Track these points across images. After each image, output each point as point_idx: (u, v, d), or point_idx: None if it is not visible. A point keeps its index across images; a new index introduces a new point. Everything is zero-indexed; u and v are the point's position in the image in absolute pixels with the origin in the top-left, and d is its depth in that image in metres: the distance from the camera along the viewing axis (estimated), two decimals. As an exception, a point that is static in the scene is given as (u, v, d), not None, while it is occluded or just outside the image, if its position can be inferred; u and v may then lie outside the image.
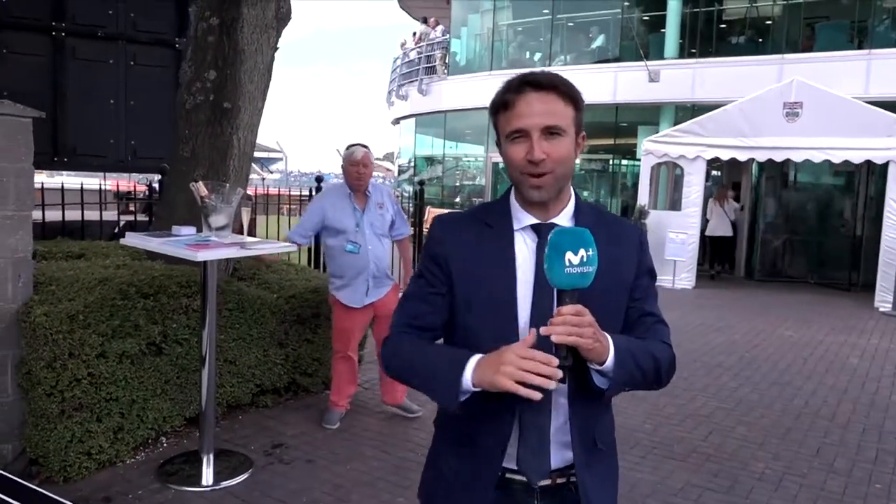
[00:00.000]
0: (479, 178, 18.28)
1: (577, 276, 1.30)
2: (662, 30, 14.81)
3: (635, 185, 15.32)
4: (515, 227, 1.51)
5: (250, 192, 11.77)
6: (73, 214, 6.41)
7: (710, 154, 10.98)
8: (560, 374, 1.26)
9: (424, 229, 16.47)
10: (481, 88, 16.78)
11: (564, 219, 1.50)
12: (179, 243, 3.36)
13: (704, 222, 12.06)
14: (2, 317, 3.45)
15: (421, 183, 9.69)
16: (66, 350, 3.39)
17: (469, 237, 1.52)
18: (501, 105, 1.46)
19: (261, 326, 4.35)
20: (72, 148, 7.26)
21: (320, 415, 4.57)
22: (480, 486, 1.51)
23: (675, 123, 12.77)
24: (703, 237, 12.02)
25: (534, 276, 1.45)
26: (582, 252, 1.30)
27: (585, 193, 17.07)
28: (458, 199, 18.74)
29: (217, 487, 3.60)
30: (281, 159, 51.39)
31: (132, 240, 3.51)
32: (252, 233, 9.69)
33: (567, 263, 1.29)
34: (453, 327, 1.53)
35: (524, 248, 1.49)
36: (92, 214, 6.50)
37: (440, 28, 18.69)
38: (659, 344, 1.50)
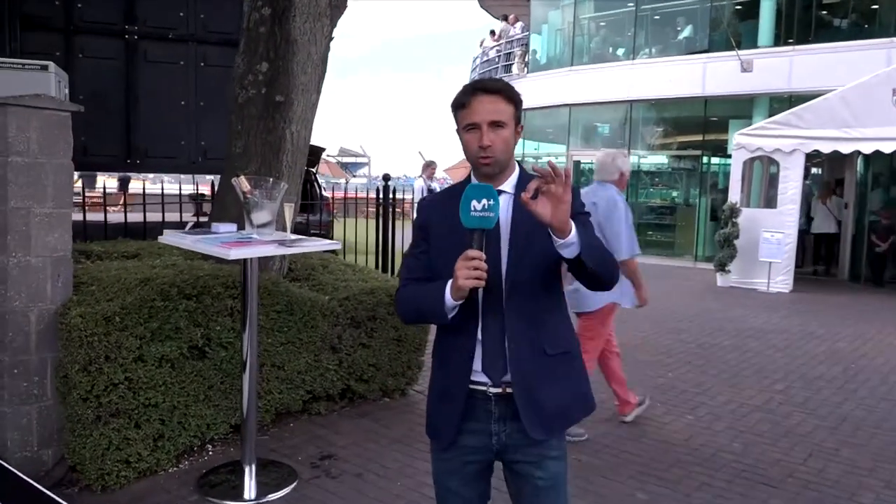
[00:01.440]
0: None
1: (479, 218, 1.74)
2: (755, 17, 13.91)
3: (726, 183, 14.52)
4: None
5: (329, 194, 11.76)
6: (151, 216, 6.43)
7: (810, 147, 10.15)
8: (484, 266, 1.72)
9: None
10: (562, 85, 16.29)
11: (508, 186, 1.94)
12: (214, 241, 3.15)
13: (805, 221, 11.18)
14: (41, 317, 3.33)
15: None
16: (102, 353, 3.24)
17: (441, 208, 1.98)
18: (459, 105, 1.90)
19: (311, 330, 4.12)
20: (144, 150, 7.31)
21: (376, 424, 4.31)
22: (454, 396, 1.93)
23: (770, 115, 11.91)
24: (801, 237, 11.15)
25: None
26: (484, 201, 1.73)
27: (674, 193, 16.27)
28: (538, 200, 18.24)
29: (260, 502, 3.38)
30: (366, 164, 52.07)
31: (169, 238, 3.34)
32: (329, 235, 9.65)
33: (472, 209, 1.74)
34: (433, 275, 1.94)
35: None
36: (172, 216, 6.49)
37: (519, 25, 18.27)
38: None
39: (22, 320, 3.29)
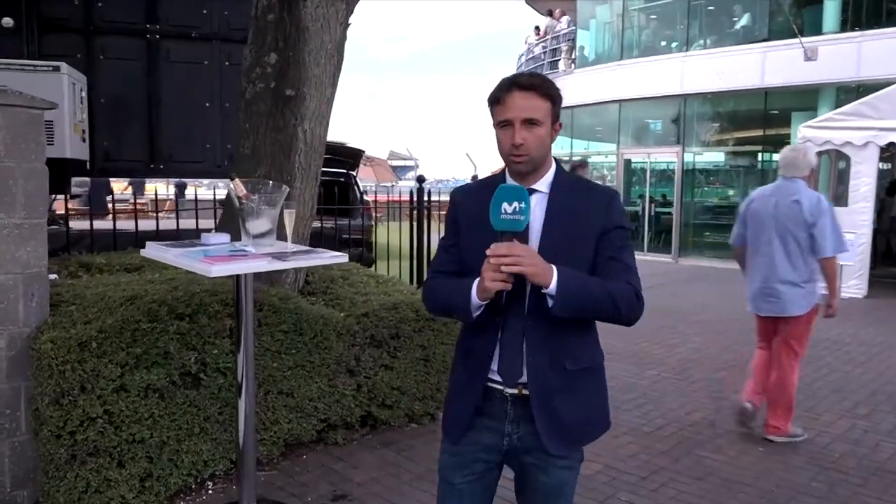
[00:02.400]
0: (611, 178, 17.03)
1: (510, 221, 1.72)
2: (819, 2, 13.00)
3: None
4: None
5: (371, 198, 11.35)
6: (186, 223, 6.13)
7: (885, 139, 9.29)
8: (511, 262, 1.69)
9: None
10: (611, 80, 15.58)
11: (543, 185, 1.88)
12: (198, 254, 2.71)
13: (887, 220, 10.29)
14: (12, 342, 2.94)
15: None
16: (77, 383, 2.84)
17: (474, 200, 1.91)
18: (494, 100, 1.85)
19: (324, 351, 3.66)
20: (168, 154, 6.99)
21: (399, 455, 3.82)
22: (472, 392, 1.92)
23: (837, 107, 11.04)
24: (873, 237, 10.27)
25: None
26: (515, 204, 1.71)
27: (731, 192, 15.40)
28: (587, 201, 17.53)
29: (258, 552, 2.93)
30: (414, 167, 51.82)
31: (151, 251, 2.91)
32: (368, 240, 9.22)
33: (503, 211, 1.71)
34: (463, 268, 1.91)
35: None
36: (207, 223, 6.16)
37: (565, 19, 17.60)
38: (619, 282, 1.81)
39: (-11, 346, 2.90)
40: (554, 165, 1.91)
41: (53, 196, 6.29)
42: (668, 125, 15.48)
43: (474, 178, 11.35)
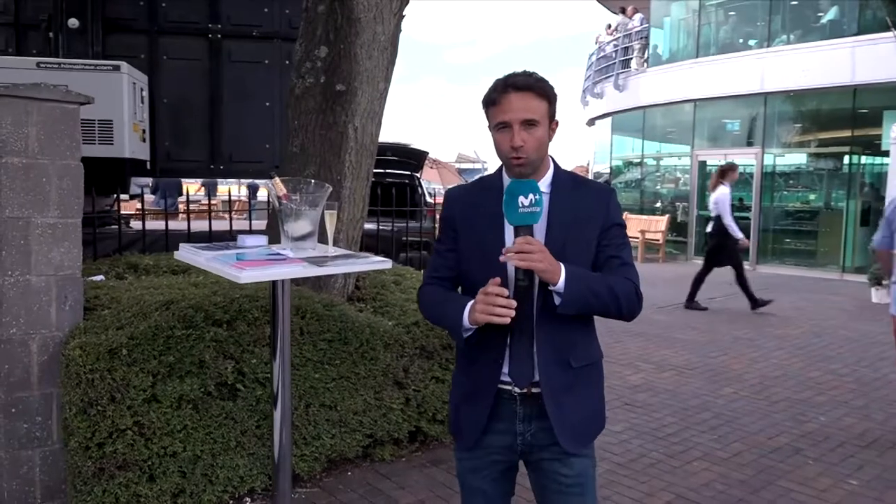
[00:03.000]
0: (684, 181, 16.35)
1: (528, 214, 1.72)
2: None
3: (876, 184, 12.76)
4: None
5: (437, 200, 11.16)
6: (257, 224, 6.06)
7: None
8: (514, 304, 1.70)
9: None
10: (686, 79, 14.95)
11: (543, 185, 1.86)
12: (231, 258, 2.51)
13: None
14: (43, 346, 2.83)
15: (606, 184, 8.38)
16: (105, 393, 2.69)
17: (471, 200, 1.96)
18: (490, 102, 1.83)
19: (371, 362, 3.43)
20: (228, 155, 6.95)
21: (450, 475, 3.56)
22: (482, 397, 1.91)
23: (936, 105, 10.23)
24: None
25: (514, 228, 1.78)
26: (531, 196, 1.72)
27: (813, 196, 14.54)
28: (658, 205, 16.92)
29: (293, 579, 2.71)
30: (483, 169, 51.62)
31: (183, 253, 2.74)
32: (431, 243, 9.01)
33: (520, 205, 1.71)
34: (461, 275, 1.96)
35: None
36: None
37: (638, 16, 17.01)
38: (620, 278, 1.82)
39: (20, 350, 2.79)
40: (552, 164, 1.92)
41: (115, 196, 6.32)
42: (747, 125, 14.72)
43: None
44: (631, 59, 16.90)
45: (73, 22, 6.30)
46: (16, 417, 2.79)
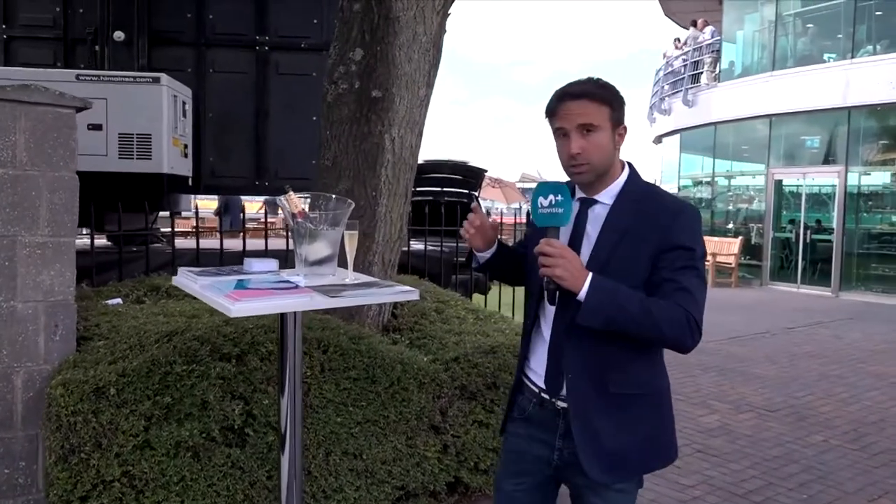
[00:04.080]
0: (759, 201, 15.45)
1: (548, 215, 1.70)
2: None
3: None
4: (575, 198, 1.84)
5: (498, 219, 10.76)
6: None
7: None
8: (475, 221, 1.92)
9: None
10: (761, 93, 14.16)
11: (606, 196, 1.80)
12: (229, 285, 2.13)
13: None
14: (29, 381, 2.50)
15: (686, 203, 7.77)
16: (90, 438, 2.34)
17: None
18: (549, 112, 1.80)
19: (402, 404, 3.00)
20: (273, 170, 6.69)
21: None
22: (514, 383, 2.01)
23: None
24: None
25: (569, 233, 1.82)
26: (551, 197, 1.70)
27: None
28: (731, 226, 16.04)
29: None
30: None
31: (180, 279, 2.38)
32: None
33: (539, 206, 1.71)
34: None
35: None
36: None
37: (709, 29, 16.24)
38: (668, 303, 1.66)
39: (2, 386, 2.48)
40: (625, 175, 1.82)
41: (155, 214, 6.11)
42: (828, 142, 13.81)
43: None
44: (700, 73, 16.15)
45: (119, 35, 6.16)
46: (-4, 462, 2.47)
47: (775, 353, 7.28)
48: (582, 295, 1.63)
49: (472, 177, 10.29)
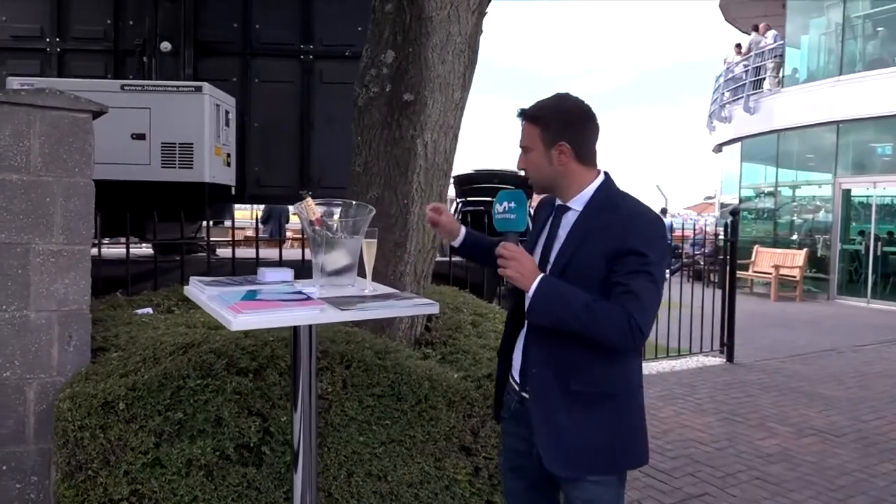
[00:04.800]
0: (825, 212, 14.76)
1: (503, 220, 1.88)
2: None
3: None
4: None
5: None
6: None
7: None
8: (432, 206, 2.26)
9: (747, 273, 13.61)
10: (827, 99, 13.56)
11: (577, 203, 1.92)
12: (234, 297, 2.00)
13: None
14: (42, 393, 2.43)
15: (734, 213, 7.44)
16: (98, 455, 2.24)
17: (542, 212, 2.10)
18: None
19: (430, 423, 2.83)
20: (317, 179, 6.64)
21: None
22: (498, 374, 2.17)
23: None
24: None
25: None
26: (505, 204, 1.88)
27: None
28: (795, 237, 15.36)
29: None
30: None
31: (190, 289, 2.26)
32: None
33: (496, 212, 1.90)
34: None
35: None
36: None
37: (772, 33, 15.64)
38: (612, 305, 1.74)
39: (15, 398, 2.41)
40: (597, 183, 1.93)
41: (198, 223, 6.11)
42: (901, 149, 13.11)
43: (663, 211, 10.13)
44: (763, 79, 15.58)
45: (166, 45, 6.21)
46: (7, 476, 2.40)
47: (842, 373, 6.84)
48: (530, 294, 1.76)
49: (523, 185, 10.13)
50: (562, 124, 1.89)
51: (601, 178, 1.93)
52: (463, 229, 2.18)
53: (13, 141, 2.34)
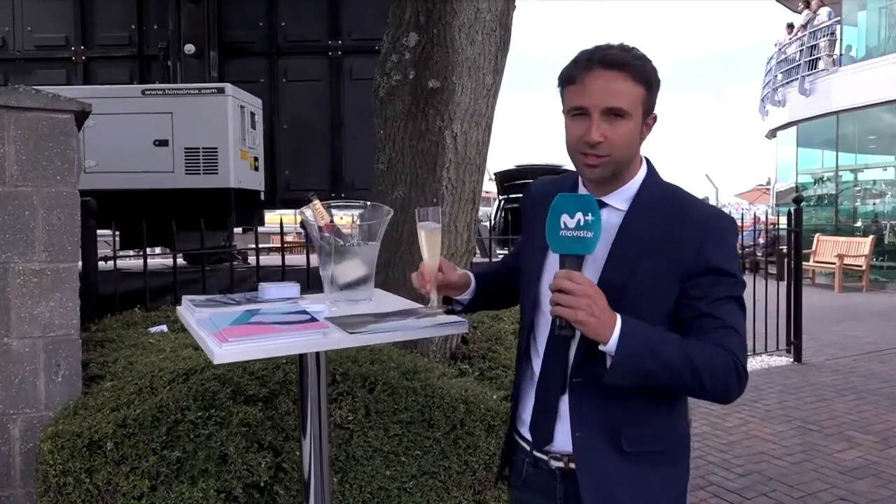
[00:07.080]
0: (891, 196, 13.93)
1: (572, 239, 1.27)
2: None
3: None
4: None
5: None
6: None
7: None
8: (426, 285, 1.56)
9: (808, 263, 12.91)
10: (888, 77, 12.75)
11: (619, 199, 1.41)
12: (223, 320, 1.69)
13: None
14: (28, 431, 2.17)
15: (797, 200, 6.91)
16: (82, 501, 1.95)
17: (543, 192, 1.51)
18: (567, 80, 1.37)
19: (467, 451, 2.48)
20: (350, 181, 6.36)
21: None
22: (509, 450, 1.58)
23: None
24: None
25: None
26: (579, 216, 1.26)
27: None
28: (858, 224, 14.54)
29: None
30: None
31: (182, 310, 1.96)
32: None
33: (562, 226, 1.27)
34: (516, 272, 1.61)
35: None
36: None
37: (825, 10, 14.84)
38: (709, 346, 1.28)
39: (-3, 436, 2.14)
40: (643, 173, 1.43)
41: (227, 231, 5.88)
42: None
43: (706, 199, 9.62)
44: (818, 59, 14.79)
45: (189, 48, 6.00)
46: (-8, 523, 2.14)
47: (927, 372, 6.26)
48: (611, 347, 1.24)
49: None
50: (659, 89, 1.39)
51: (646, 166, 1.45)
52: (471, 275, 1.61)
53: (-15, 147, 2.08)
